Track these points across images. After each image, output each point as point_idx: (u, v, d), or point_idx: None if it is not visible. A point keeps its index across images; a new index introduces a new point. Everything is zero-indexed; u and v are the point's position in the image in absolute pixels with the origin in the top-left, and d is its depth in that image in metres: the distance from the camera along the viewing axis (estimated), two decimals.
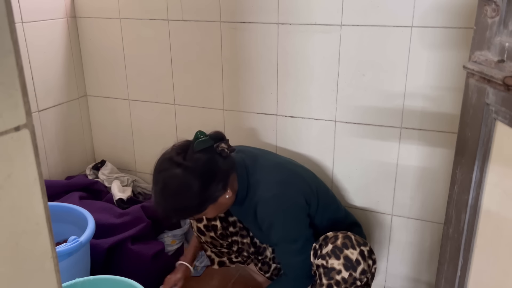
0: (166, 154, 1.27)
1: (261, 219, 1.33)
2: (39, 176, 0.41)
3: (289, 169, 1.39)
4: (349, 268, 1.23)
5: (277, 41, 1.57)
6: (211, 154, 1.24)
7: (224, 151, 1.26)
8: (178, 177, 1.21)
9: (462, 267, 0.86)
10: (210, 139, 1.25)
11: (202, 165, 1.22)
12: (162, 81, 1.84)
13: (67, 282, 1.26)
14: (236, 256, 1.64)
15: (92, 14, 1.88)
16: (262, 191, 1.32)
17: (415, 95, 1.43)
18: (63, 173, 1.98)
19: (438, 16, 1.33)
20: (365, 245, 1.28)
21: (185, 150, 1.24)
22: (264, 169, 1.36)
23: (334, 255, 1.25)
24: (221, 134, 1.30)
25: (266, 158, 1.41)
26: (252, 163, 1.36)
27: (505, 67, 0.69)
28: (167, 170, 1.23)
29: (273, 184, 1.32)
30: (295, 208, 1.32)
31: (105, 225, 1.64)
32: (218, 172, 1.25)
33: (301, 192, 1.34)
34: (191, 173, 1.21)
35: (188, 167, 1.21)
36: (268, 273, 1.65)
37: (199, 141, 1.24)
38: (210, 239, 1.56)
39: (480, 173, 0.79)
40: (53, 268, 0.44)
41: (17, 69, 0.37)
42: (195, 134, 1.26)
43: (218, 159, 1.25)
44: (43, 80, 1.82)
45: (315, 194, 1.37)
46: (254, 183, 1.33)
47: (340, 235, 1.28)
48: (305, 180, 1.39)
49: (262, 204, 1.31)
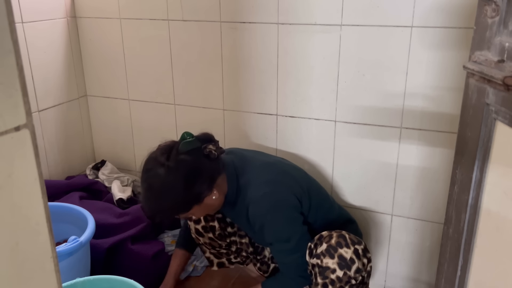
0: (151, 154, 1.28)
1: (253, 220, 1.33)
2: (39, 176, 0.41)
3: (279, 168, 1.39)
4: (344, 267, 1.23)
5: (277, 41, 1.57)
6: (196, 155, 1.24)
7: (211, 152, 1.26)
8: (161, 177, 1.22)
9: (462, 267, 0.86)
10: (197, 140, 1.26)
11: (185, 166, 1.23)
12: (162, 81, 1.84)
13: (67, 282, 1.26)
14: (235, 257, 1.64)
15: (92, 14, 1.88)
16: (252, 192, 1.32)
17: (415, 95, 1.43)
18: (63, 173, 1.98)
19: (438, 16, 1.33)
20: (359, 243, 1.28)
21: (169, 151, 1.25)
22: (254, 169, 1.36)
23: (328, 254, 1.25)
24: (209, 136, 1.31)
25: (256, 159, 1.41)
26: (242, 164, 1.37)
27: (505, 67, 0.69)
28: (150, 170, 1.25)
29: (263, 184, 1.32)
30: (286, 206, 1.32)
31: (105, 225, 1.64)
32: (203, 173, 1.25)
33: (291, 191, 1.34)
34: (173, 174, 1.21)
35: (171, 167, 1.21)
36: (267, 273, 1.65)
37: (184, 142, 1.24)
38: (208, 240, 1.55)
39: (480, 173, 0.79)
40: (53, 268, 0.44)
41: (17, 69, 0.37)
42: (182, 135, 1.27)
43: (203, 160, 1.25)
44: (43, 80, 1.82)
45: (306, 193, 1.37)
46: (244, 184, 1.34)
47: (335, 234, 1.28)
48: (295, 179, 1.39)
49: (253, 204, 1.32)
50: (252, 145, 1.73)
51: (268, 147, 1.70)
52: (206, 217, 1.51)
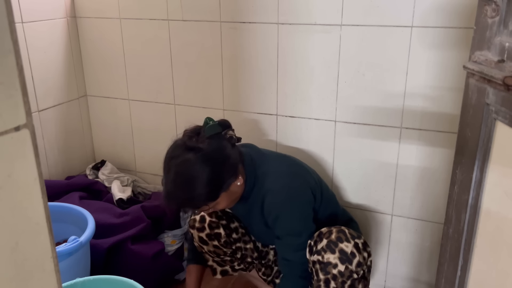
0: (178, 140, 1.26)
1: (268, 210, 1.33)
2: (39, 176, 0.41)
3: (296, 163, 1.41)
4: (345, 261, 1.23)
5: (277, 41, 1.57)
6: (220, 140, 1.25)
7: (232, 138, 1.27)
8: (191, 162, 1.20)
9: (462, 267, 0.86)
10: (218, 125, 1.26)
11: (214, 149, 1.22)
12: (162, 81, 1.84)
13: (67, 282, 1.26)
14: (239, 264, 1.60)
15: (92, 14, 1.88)
16: (270, 183, 1.32)
17: (415, 95, 1.43)
18: (63, 173, 1.98)
19: (438, 16, 1.33)
20: (359, 237, 1.28)
21: (197, 134, 1.25)
22: (271, 161, 1.37)
23: (329, 250, 1.25)
24: (228, 122, 1.31)
25: (271, 152, 1.44)
26: (259, 156, 1.38)
27: (505, 67, 0.69)
28: (178, 157, 1.22)
29: (282, 175, 1.33)
30: (303, 201, 1.32)
31: (105, 225, 1.64)
32: (229, 158, 1.25)
33: (308, 185, 1.34)
34: (203, 157, 1.20)
35: (201, 149, 1.20)
36: (270, 277, 1.64)
37: (209, 125, 1.25)
38: (213, 248, 1.51)
39: (480, 173, 0.79)
40: (53, 268, 0.44)
41: (17, 69, 0.37)
42: (205, 120, 1.27)
43: (227, 145, 1.26)
44: (43, 80, 1.82)
45: (319, 187, 1.38)
46: (261, 175, 1.34)
47: (334, 229, 1.29)
48: (310, 172, 1.40)
49: (270, 195, 1.31)
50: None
51: (268, 147, 1.70)
52: (211, 224, 1.49)
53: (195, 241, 1.53)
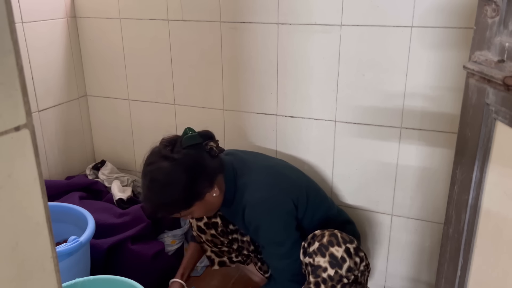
0: (154, 148, 1.29)
1: (248, 221, 1.34)
2: (39, 176, 0.41)
3: (277, 172, 1.40)
4: (335, 266, 1.23)
5: (277, 41, 1.57)
6: (199, 150, 1.26)
7: (212, 149, 1.28)
8: (165, 170, 1.23)
9: (462, 267, 0.86)
10: (198, 136, 1.28)
11: (189, 160, 1.24)
12: (162, 81, 1.84)
13: (67, 282, 1.26)
14: (237, 256, 1.64)
15: (92, 14, 1.88)
16: (249, 195, 1.32)
17: (415, 95, 1.43)
18: (63, 173, 1.98)
19: (438, 16, 1.33)
20: (351, 242, 1.28)
21: (173, 144, 1.27)
22: (252, 172, 1.37)
23: (320, 253, 1.25)
24: (210, 133, 1.33)
25: (254, 162, 1.42)
26: (241, 166, 1.37)
27: (505, 67, 0.69)
28: (154, 163, 1.25)
29: (260, 187, 1.33)
30: (282, 211, 1.32)
31: (105, 225, 1.64)
32: (205, 168, 1.26)
33: (288, 195, 1.34)
34: (178, 166, 1.22)
35: (175, 159, 1.23)
36: (267, 273, 1.65)
37: (187, 136, 1.26)
38: (210, 237, 1.56)
39: (480, 173, 0.79)
40: (53, 268, 0.44)
41: (17, 69, 0.37)
42: (184, 130, 1.28)
43: (205, 156, 1.27)
44: (43, 80, 1.82)
45: (304, 194, 1.38)
46: (241, 186, 1.34)
47: (327, 233, 1.29)
48: (293, 182, 1.39)
49: (249, 206, 1.32)
50: (252, 145, 1.73)
51: (268, 147, 1.70)
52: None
53: (194, 230, 1.58)
